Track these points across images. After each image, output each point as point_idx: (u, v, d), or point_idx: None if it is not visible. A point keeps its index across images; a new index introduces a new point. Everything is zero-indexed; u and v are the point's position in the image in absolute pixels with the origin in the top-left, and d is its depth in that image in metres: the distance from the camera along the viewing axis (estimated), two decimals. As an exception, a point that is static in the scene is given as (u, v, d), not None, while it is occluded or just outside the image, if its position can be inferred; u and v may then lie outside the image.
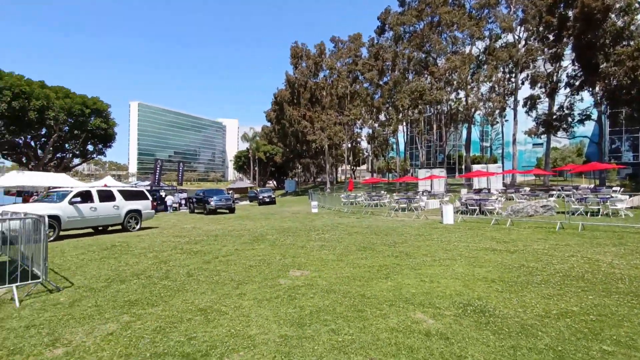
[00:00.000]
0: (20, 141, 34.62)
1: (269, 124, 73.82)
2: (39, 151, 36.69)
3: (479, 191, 26.16)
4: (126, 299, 5.13)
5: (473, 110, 41.01)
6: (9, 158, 36.33)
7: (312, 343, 3.60)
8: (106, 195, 13.23)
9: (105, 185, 16.77)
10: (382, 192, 29.58)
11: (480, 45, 41.37)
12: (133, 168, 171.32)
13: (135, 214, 14.09)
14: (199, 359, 3.33)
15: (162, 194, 29.07)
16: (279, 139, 64.34)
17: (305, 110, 51.21)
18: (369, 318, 4.22)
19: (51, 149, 36.45)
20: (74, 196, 12.21)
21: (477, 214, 15.24)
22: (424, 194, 25.32)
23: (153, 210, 15.36)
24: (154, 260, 7.93)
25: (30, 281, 5.50)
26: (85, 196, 12.62)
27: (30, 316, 4.48)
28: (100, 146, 39.74)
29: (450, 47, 40.27)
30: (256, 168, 75.12)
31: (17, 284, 5.15)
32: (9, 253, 7.30)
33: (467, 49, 40.22)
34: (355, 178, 77.45)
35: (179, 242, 10.69)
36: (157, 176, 31.24)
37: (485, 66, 38.29)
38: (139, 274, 6.65)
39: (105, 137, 38.72)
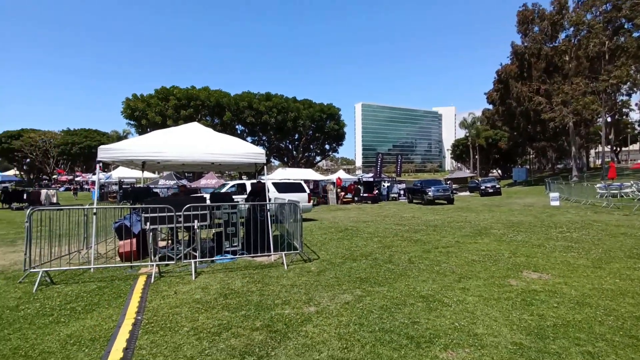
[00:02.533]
0: (282, 145, 45.79)
1: (490, 107, 66.32)
2: (294, 152, 47.37)
3: None
4: (357, 276, 5.86)
5: None
6: (276, 159, 48.79)
7: (558, 362, 2.98)
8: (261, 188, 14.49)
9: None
10: (670, 180, 20.90)
11: None
12: (359, 162, 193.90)
13: None
14: (422, 344, 3.38)
15: (385, 184, 31.45)
16: (503, 121, 56.77)
17: (539, 84, 42.71)
18: (652, 351, 3.08)
19: (301, 149, 46.37)
20: (229, 188, 13.42)
21: None
22: None
23: (310, 204, 15.14)
24: (379, 245, 8.68)
25: (292, 251, 7.19)
26: (240, 189, 13.93)
27: (293, 278, 5.83)
28: (334, 144, 47.22)
29: None
30: (476, 156, 69.27)
31: (285, 252, 6.84)
32: (279, 229, 9.80)
33: None
34: (619, 162, 58.56)
35: (400, 229, 11.26)
36: (378, 168, 34.12)
37: None
38: (367, 255, 7.45)
39: (337, 137, 45.63)
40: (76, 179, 52.83)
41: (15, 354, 3.28)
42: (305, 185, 15.40)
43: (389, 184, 32.15)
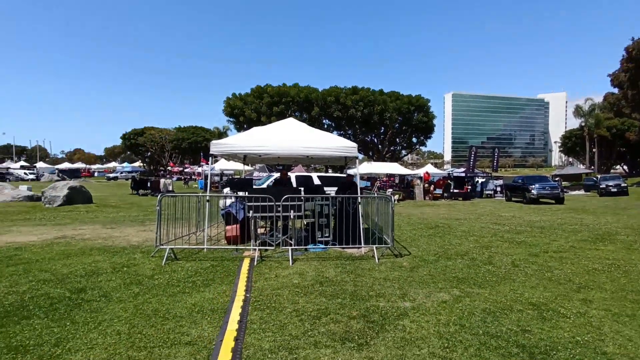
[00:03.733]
0: (368, 139, 45.55)
1: (615, 91, 56.01)
2: (379, 146, 46.77)
3: None
4: (454, 275, 5.58)
5: None
6: (361, 152, 48.81)
7: None
8: (305, 182, 12.67)
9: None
10: None
11: None
12: (448, 156, 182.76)
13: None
14: (537, 355, 3.08)
15: (478, 180, 29.14)
16: (633, 108, 47.57)
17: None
18: None
19: (387, 143, 45.54)
20: (272, 181, 12.89)
21: None
22: None
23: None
24: (475, 244, 8.11)
25: (382, 245, 7.16)
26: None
27: (385, 272, 5.82)
28: (422, 137, 45.30)
29: None
30: (594, 149, 59.42)
31: (376, 246, 6.86)
32: (367, 222, 9.83)
33: None
34: None
35: (499, 229, 10.34)
36: (471, 163, 31.67)
37: None
38: (463, 255, 7.03)
39: (426, 129, 43.64)
40: (185, 170, 60.22)
41: (156, 314, 3.93)
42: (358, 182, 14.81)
43: (483, 180, 29.67)
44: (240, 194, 8.45)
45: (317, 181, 13.01)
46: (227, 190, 11.84)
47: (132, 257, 6.64)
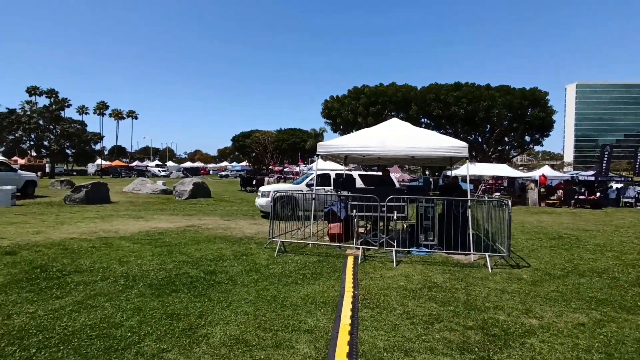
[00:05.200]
0: (471, 138, 42.09)
1: None
2: (484, 145, 42.82)
3: None
4: (591, 295, 4.80)
5: None
6: (463, 153, 45.30)
7: None
8: (346, 180, 11.89)
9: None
10: None
11: None
12: (569, 157, 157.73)
13: None
14: None
15: (613, 185, 24.49)
16: None
17: None
18: None
19: (493, 142, 41.41)
20: (312, 179, 12.14)
21: None
22: None
23: None
24: (616, 261, 6.84)
25: (496, 254, 6.55)
26: (323, 180, 12.47)
27: (502, 283, 5.30)
28: (537, 135, 40.00)
29: None
30: None
31: (489, 254, 6.31)
32: (474, 228, 9.09)
33: None
34: None
35: (648, 246, 8.52)
36: (604, 165, 26.70)
37: None
38: (600, 272, 6.00)
39: (543, 126, 38.38)
40: (284, 169, 64.36)
41: (275, 301, 4.30)
42: (394, 179, 12.49)
43: (620, 186, 24.82)
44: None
45: (359, 180, 12.50)
46: (265, 188, 12.54)
47: (248, 246, 7.38)
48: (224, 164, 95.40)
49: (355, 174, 13.10)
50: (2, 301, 4.01)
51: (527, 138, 41.00)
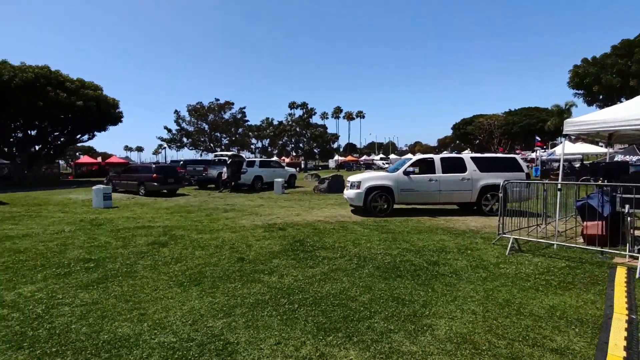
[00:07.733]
0: None
1: None
2: None
3: None
4: None
5: None
6: None
7: None
8: (453, 165, 10.66)
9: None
10: None
11: None
12: None
13: (495, 191, 8.49)
14: None
15: None
16: None
17: None
18: None
19: None
20: (411, 165, 10.48)
21: None
22: None
23: None
24: None
25: None
26: (426, 166, 10.55)
27: None
28: None
29: None
30: None
31: None
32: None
33: None
34: None
35: None
36: None
37: None
38: None
39: None
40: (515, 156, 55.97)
41: (509, 305, 3.75)
42: (521, 162, 10.60)
43: None
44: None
45: (470, 164, 10.44)
46: (354, 178, 10.69)
47: (473, 241, 6.83)
48: (445, 154, 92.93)
49: (465, 155, 11.32)
50: (278, 264, 5.38)
51: None
